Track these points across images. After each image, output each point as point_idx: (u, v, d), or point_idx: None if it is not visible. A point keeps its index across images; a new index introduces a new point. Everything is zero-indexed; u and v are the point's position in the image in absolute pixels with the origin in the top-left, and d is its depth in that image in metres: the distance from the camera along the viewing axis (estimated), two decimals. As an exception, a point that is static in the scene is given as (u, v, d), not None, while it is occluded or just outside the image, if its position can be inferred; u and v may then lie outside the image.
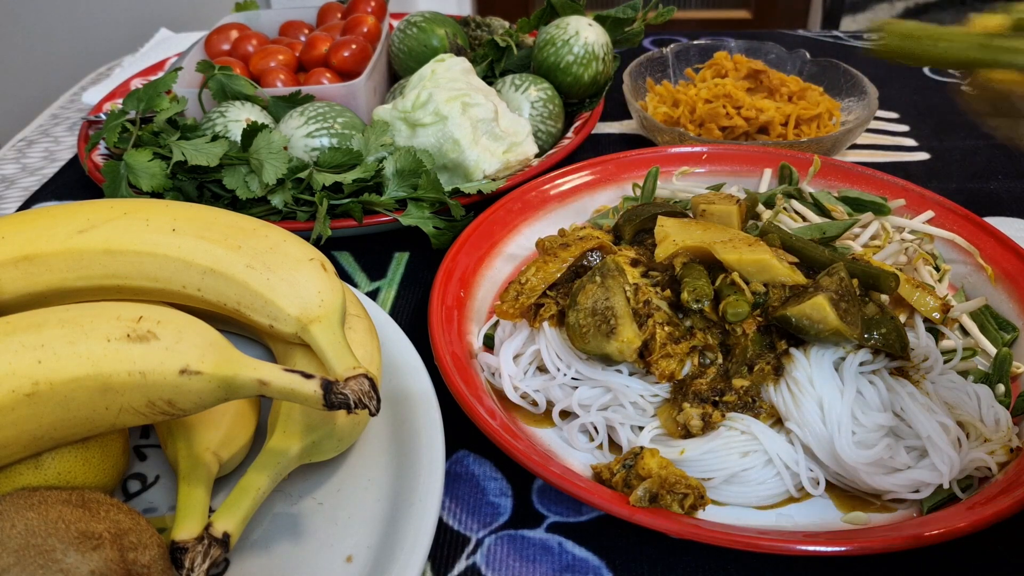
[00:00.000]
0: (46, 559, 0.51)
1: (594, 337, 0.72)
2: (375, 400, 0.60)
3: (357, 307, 0.76)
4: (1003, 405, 0.75)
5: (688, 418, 0.70)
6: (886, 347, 0.71)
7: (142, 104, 1.08)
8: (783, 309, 0.70)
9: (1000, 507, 0.62)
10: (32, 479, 0.61)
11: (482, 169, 1.05)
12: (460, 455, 0.76)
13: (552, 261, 0.80)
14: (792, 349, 0.72)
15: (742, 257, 0.73)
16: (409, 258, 1.04)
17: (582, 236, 0.83)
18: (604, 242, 0.82)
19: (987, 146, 1.26)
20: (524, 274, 0.80)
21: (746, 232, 0.80)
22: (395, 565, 0.61)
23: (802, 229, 0.91)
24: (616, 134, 1.33)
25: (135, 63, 1.58)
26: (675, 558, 0.67)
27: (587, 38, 1.19)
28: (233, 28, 1.35)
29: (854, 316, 0.70)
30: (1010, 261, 0.87)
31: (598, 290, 0.74)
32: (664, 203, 0.91)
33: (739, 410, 0.71)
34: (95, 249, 0.69)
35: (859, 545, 0.59)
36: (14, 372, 0.55)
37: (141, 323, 0.59)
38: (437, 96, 1.05)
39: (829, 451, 0.68)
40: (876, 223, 0.92)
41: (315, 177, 0.99)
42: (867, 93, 1.24)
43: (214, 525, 0.59)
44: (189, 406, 0.59)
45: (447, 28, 1.27)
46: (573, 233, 0.85)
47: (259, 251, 0.69)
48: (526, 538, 0.69)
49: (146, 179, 1.01)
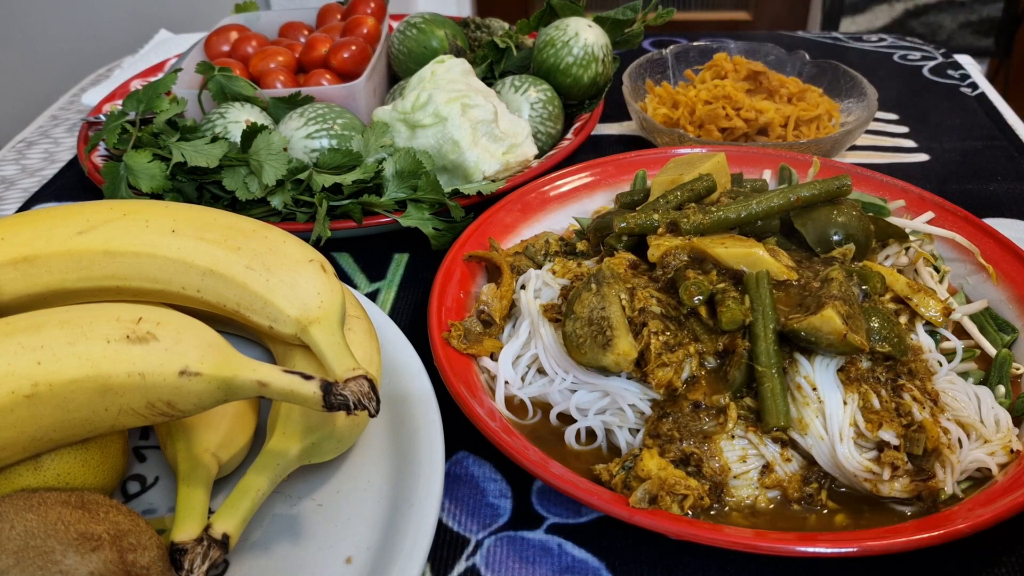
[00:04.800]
0: (45, 560, 0.51)
1: (591, 348, 0.72)
2: (374, 401, 0.60)
3: (357, 308, 0.76)
4: (1003, 406, 0.75)
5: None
6: (890, 353, 0.71)
7: (142, 105, 1.08)
8: (793, 323, 0.70)
9: (1000, 508, 0.62)
10: (31, 480, 0.61)
11: (482, 170, 1.05)
12: (460, 456, 0.76)
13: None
14: (797, 355, 0.72)
15: (730, 251, 0.73)
16: (409, 259, 1.04)
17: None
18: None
19: (986, 147, 1.26)
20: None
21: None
22: (394, 566, 0.60)
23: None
24: (616, 135, 1.33)
25: (135, 64, 1.58)
26: (674, 559, 0.67)
27: (587, 39, 1.20)
28: (233, 29, 1.35)
29: (860, 324, 0.70)
30: (1009, 262, 0.87)
31: (594, 298, 0.74)
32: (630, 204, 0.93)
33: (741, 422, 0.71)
34: (95, 250, 0.69)
35: (859, 546, 0.59)
36: (13, 373, 0.55)
37: (140, 324, 0.59)
38: (437, 97, 1.05)
39: (830, 459, 0.68)
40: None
41: (315, 178, 0.99)
42: (866, 94, 1.25)
43: (213, 526, 0.59)
44: (188, 407, 0.59)
45: (447, 29, 1.27)
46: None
47: (259, 252, 0.69)
48: (526, 539, 0.69)
49: (146, 180, 1.01)
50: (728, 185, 0.95)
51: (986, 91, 1.43)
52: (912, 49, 1.61)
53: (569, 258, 0.89)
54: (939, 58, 1.56)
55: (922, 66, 1.54)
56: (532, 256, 0.92)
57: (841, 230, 0.82)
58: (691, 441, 0.69)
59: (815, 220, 0.82)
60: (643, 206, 0.87)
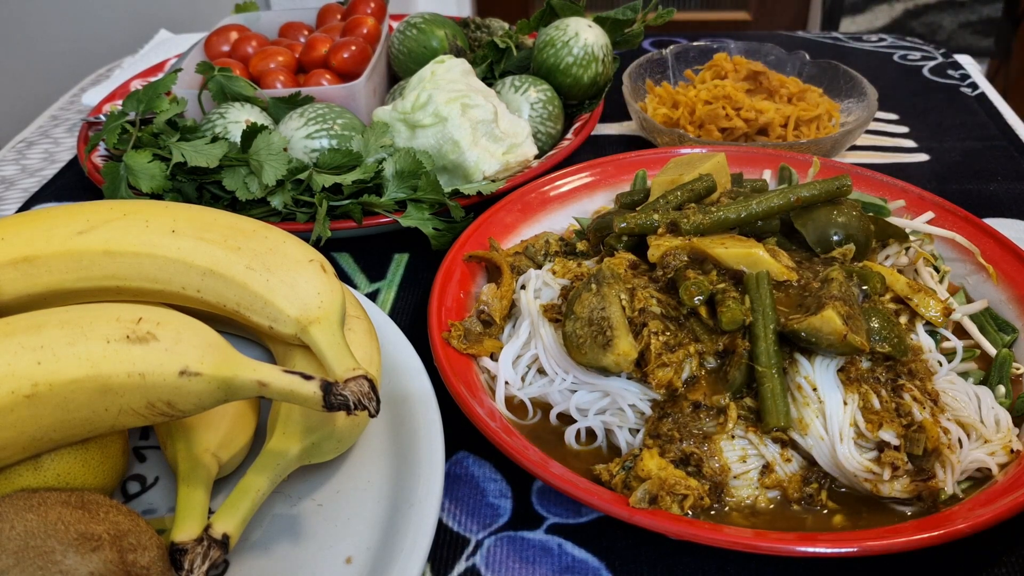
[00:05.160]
0: (45, 560, 0.51)
1: (591, 349, 0.72)
2: (375, 401, 0.60)
3: (357, 308, 0.76)
4: (1003, 406, 0.75)
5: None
6: (890, 353, 0.70)
7: (142, 105, 1.08)
8: (793, 324, 0.70)
9: (1000, 508, 0.62)
10: (31, 480, 0.61)
11: (482, 170, 1.05)
12: (460, 456, 0.76)
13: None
14: (797, 355, 0.72)
15: (730, 251, 0.73)
16: (409, 259, 1.04)
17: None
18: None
19: (986, 147, 1.26)
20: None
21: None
22: (395, 566, 0.60)
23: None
24: (616, 135, 1.33)
25: (135, 64, 1.58)
26: (674, 559, 0.67)
27: (586, 39, 1.20)
28: (233, 29, 1.35)
29: (860, 324, 0.70)
30: (1009, 262, 0.87)
31: (593, 299, 0.74)
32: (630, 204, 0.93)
33: (741, 422, 0.71)
34: (95, 250, 0.69)
35: (859, 546, 0.59)
36: (13, 373, 0.55)
37: (140, 324, 0.59)
38: (437, 97, 1.05)
39: (830, 459, 0.68)
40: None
41: (315, 178, 0.99)
42: (866, 94, 1.25)
43: (213, 526, 0.59)
44: (188, 407, 0.59)
45: (447, 29, 1.27)
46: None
47: (259, 252, 0.69)
48: (526, 539, 0.69)
49: (146, 180, 1.01)
50: (728, 185, 0.95)
51: (986, 91, 1.43)
52: (912, 49, 1.61)
53: (569, 258, 0.89)
54: (939, 58, 1.56)
55: (922, 66, 1.54)
56: (532, 256, 0.92)
57: (841, 230, 0.82)
58: (691, 441, 0.69)
59: (815, 220, 0.82)
60: (643, 206, 0.87)
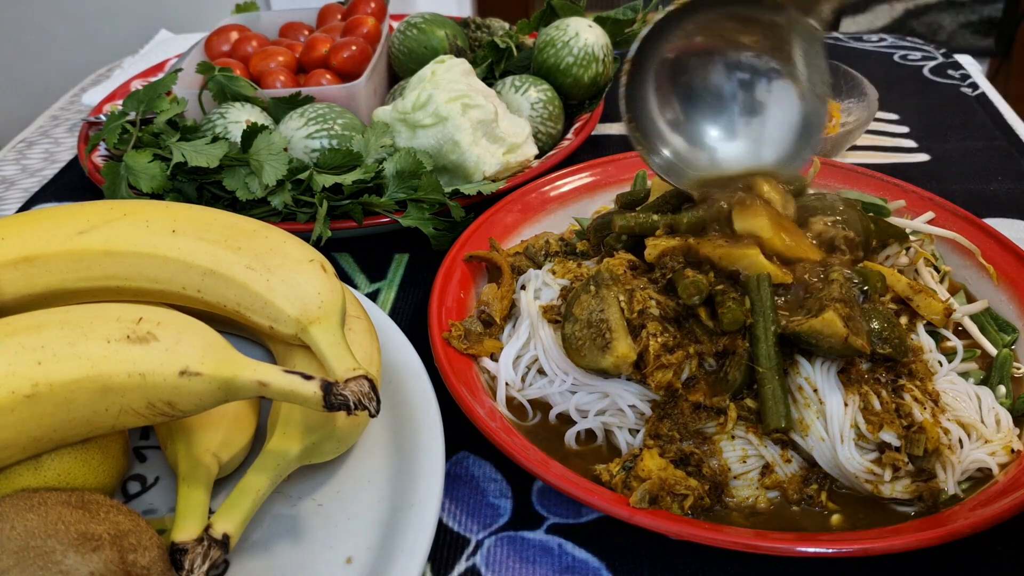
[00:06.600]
0: (46, 560, 0.51)
1: (590, 351, 0.72)
2: (375, 401, 0.60)
3: (357, 308, 0.76)
4: (1004, 406, 0.75)
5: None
6: (891, 355, 0.70)
7: (142, 105, 1.08)
8: (794, 326, 0.70)
9: (1000, 508, 0.62)
10: (32, 480, 0.61)
11: (482, 170, 1.05)
12: (460, 456, 0.76)
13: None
14: (798, 356, 0.71)
15: (725, 252, 0.73)
16: (409, 259, 1.04)
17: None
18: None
19: (987, 147, 1.26)
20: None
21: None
22: (395, 566, 0.60)
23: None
24: (616, 135, 1.33)
25: (135, 64, 1.58)
26: (675, 559, 0.67)
27: (587, 39, 1.20)
28: (233, 29, 1.35)
29: (861, 326, 0.69)
30: (1010, 262, 0.87)
31: (592, 301, 0.74)
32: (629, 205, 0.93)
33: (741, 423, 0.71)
34: (95, 250, 0.69)
35: (859, 546, 0.59)
36: (14, 373, 0.55)
37: (141, 324, 0.59)
38: (437, 97, 1.05)
39: (831, 460, 0.68)
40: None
41: (315, 178, 0.99)
42: (867, 95, 1.24)
43: (214, 526, 0.59)
44: (189, 407, 0.59)
45: (447, 29, 1.27)
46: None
47: (259, 252, 0.69)
48: (526, 539, 0.69)
49: (146, 180, 1.01)
50: (728, 185, 0.94)
51: (986, 91, 1.43)
52: (912, 49, 1.61)
53: (569, 258, 0.88)
54: (939, 58, 1.56)
55: (922, 66, 1.54)
56: (532, 256, 0.92)
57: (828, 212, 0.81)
58: (691, 442, 0.69)
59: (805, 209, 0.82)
60: (643, 206, 0.87)
